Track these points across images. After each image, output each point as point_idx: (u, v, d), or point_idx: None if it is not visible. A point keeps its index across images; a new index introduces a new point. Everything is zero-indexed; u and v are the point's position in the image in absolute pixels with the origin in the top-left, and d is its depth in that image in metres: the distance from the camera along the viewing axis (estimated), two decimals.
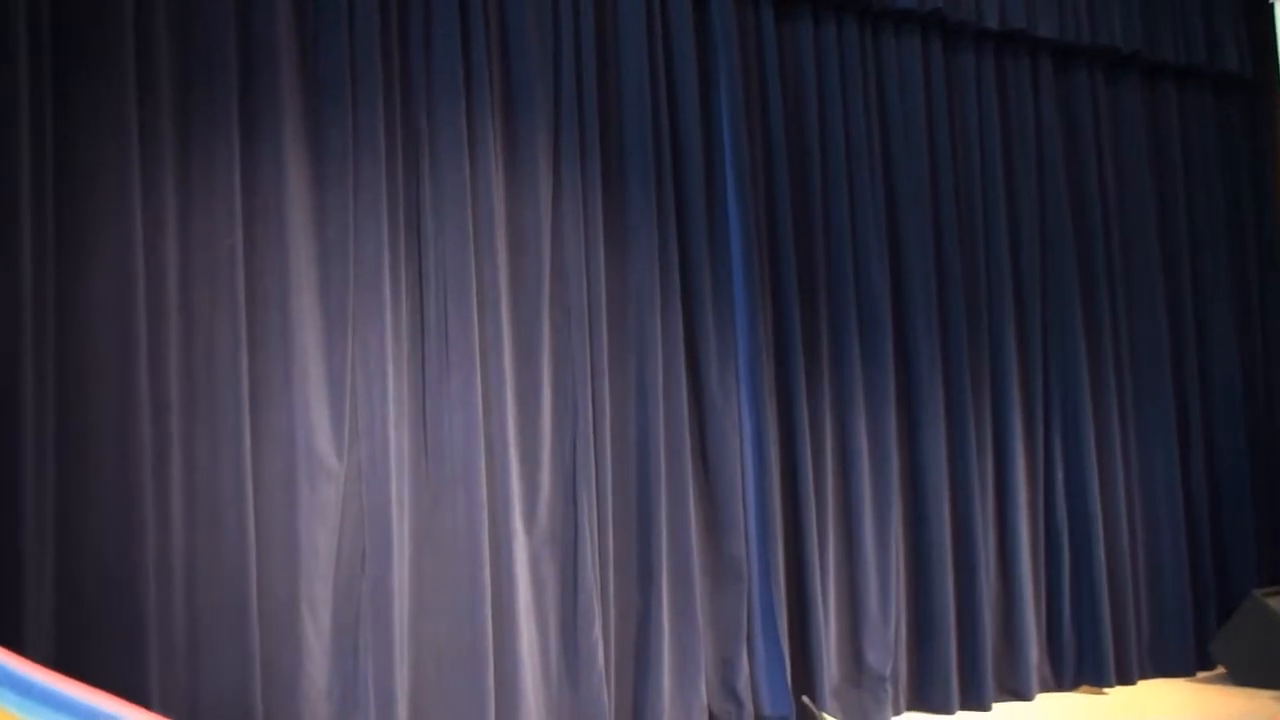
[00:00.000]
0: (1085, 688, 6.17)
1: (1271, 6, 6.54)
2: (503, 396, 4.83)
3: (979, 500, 5.94)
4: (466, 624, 4.60)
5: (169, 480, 4.13)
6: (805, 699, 4.85)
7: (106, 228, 4.11)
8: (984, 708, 5.76)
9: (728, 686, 5.23)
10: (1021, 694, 5.93)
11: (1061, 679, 6.15)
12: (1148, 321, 6.69)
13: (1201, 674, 6.46)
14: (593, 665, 4.86)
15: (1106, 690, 6.12)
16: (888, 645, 5.61)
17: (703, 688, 5.14)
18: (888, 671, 5.57)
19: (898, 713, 5.64)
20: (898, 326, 5.90)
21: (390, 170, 4.72)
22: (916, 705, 5.74)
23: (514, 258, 4.99)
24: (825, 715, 4.35)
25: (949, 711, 5.69)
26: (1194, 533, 6.67)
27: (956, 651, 5.78)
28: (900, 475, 5.82)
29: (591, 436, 5.02)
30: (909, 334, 5.91)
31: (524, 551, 4.83)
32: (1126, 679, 6.25)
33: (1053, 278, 6.40)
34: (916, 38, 6.13)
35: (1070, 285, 6.41)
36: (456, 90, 4.86)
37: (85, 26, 4.15)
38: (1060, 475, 6.26)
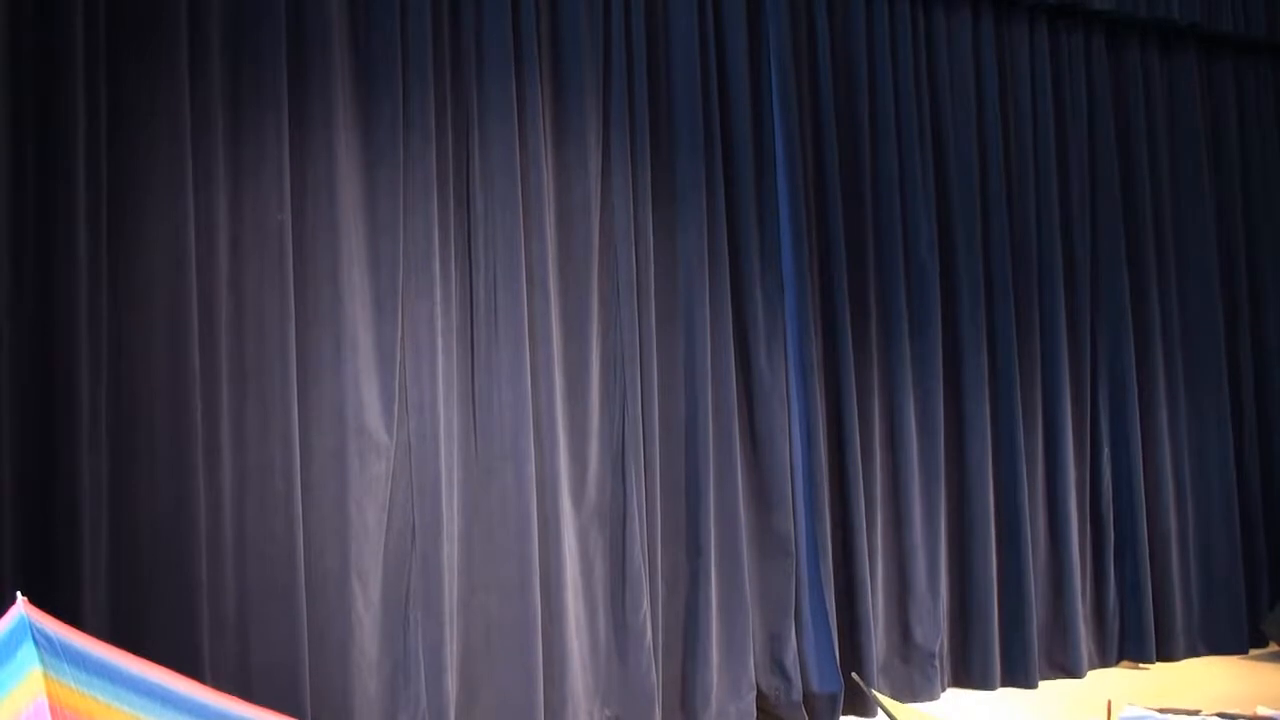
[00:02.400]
0: (1126, 662, 6.16)
1: None
2: (551, 372, 4.82)
3: (1027, 477, 5.91)
4: (516, 599, 4.62)
5: (220, 455, 4.16)
6: (854, 675, 4.85)
7: (159, 206, 4.12)
8: (1031, 685, 5.74)
9: (776, 662, 5.22)
10: (1072, 671, 5.91)
11: (1105, 654, 6.13)
12: (1201, 297, 6.62)
13: (1255, 651, 6.41)
14: (641, 641, 4.87)
15: (1147, 666, 6.11)
16: (936, 621, 5.60)
17: (751, 664, 5.14)
18: (936, 648, 5.56)
19: (945, 689, 5.63)
20: (946, 302, 5.85)
21: (440, 146, 4.71)
22: (961, 681, 5.73)
23: (563, 233, 4.98)
24: (874, 692, 4.33)
25: (991, 687, 5.68)
26: (1247, 510, 6.61)
27: (1004, 628, 5.77)
28: (948, 451, 5.79)
29: (640, 412, 5.01)
30: (957, 310, 5.86)
31: (572, 527, 4.84)
32: (1171, 655, 6.23)
33: (1103, 254, 6.33)
34: (968, 11, 6.07)
35: (1120, 262, 6.35)
36: (506, 66, 4.84)
37: (139, 3, 4.16)
38: (1108, 452, 6.22)
